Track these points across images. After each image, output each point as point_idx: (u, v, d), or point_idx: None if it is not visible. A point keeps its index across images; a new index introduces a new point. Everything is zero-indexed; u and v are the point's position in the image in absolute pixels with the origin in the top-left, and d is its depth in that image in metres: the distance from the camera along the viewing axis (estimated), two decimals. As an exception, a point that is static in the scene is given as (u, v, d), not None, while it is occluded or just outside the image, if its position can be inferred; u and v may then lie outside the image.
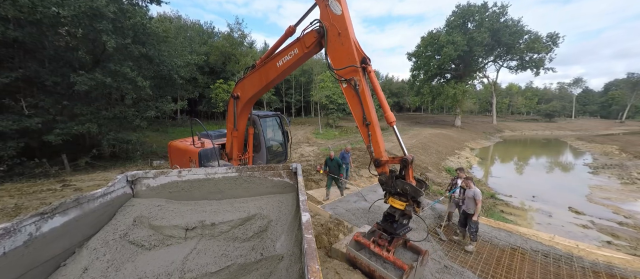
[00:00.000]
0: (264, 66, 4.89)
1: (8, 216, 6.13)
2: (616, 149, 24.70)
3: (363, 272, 3.81)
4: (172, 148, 7.69)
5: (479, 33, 33.44)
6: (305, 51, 4.21)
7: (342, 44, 3.73)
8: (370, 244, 3.81)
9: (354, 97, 3.72)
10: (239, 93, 5.45)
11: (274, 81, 4.95)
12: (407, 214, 3.54)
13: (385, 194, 3.75)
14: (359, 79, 3.63)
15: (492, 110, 49.79)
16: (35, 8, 9.95)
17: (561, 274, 4.90)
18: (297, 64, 4.55)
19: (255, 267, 2.43)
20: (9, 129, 10.18)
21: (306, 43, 4.13)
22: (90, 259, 2.36)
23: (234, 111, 5.57)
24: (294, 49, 4.34)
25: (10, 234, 1.93)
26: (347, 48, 3.70)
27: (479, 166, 19.96)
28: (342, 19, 3.69)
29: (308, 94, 45.98)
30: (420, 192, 3.34)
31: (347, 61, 3.70)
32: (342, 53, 3.74)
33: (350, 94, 3.77)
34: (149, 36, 14.28)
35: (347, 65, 3.69)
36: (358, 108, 3.72)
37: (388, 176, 3.60)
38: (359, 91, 3.65)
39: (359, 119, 3.74)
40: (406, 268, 3.38)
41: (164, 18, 29.35)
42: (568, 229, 8.97)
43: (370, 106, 3.68)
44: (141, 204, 3.16)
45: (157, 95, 16.57)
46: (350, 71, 3.68)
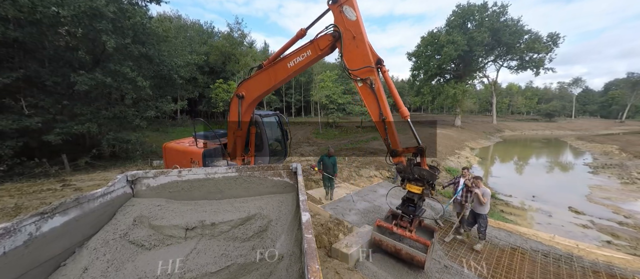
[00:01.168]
0: (273, 67, 5.02)
1: (8, 216, 6.13)
2: (616, 149, 24.70)
3: (388, 252, 4.25)
4: (169, 150, 7.22)
5: (479, 33, 33.40)
6: (319, 53, 4.47)
7: (357, 46, 4.03)
8: (392, 227, 4.22)
9: (370, 95, 4.02)
10: (244, 93, 5.50)
11: (282, 82, 5.12)
12: (425, 196, 3.93)
13: (402, 180, 4.07)
14: (375, 79, 3.95)
15: (492, 110, 49.76)
16: (35, 8, 9.94)
17: (561, 274, 4.89)
18: (308, 65, 4.77)
19: (255, 267, 2.43)
20: (8, 129, 10.18)
21: (320, 46, 4.39)
22: (90, 259, 2.36)
23: (238, 110, 5.61)
24: (307, 51, 4.57)
25: (10, 234, 1.93)
26: (361, 50, 4.01)
27: (479, 166, 19.97)
28: (356, 24, 3.99)
29: (308, 94, 45.96)
30: (435, 176, 3.74)
31: (363, 62, 4.00)
32: (357, 55, 4.04)
33: (366, 92, 4.07)
34: (149, 36, 14.27)
35: (363, 66, 3.99)
36: (374, 105, 4.02)
37: (405, 164, 3.95)
38: (375, 89, 3.96)
39: (376, 115, 4.03)
40: (429, 243, 3.84)
41: (164, 18, 29.30)
42: (568, 229, 8.97)
43: (385, 102, 3.98)
44: (141, 204, 3.16)
45: (157, 95, 16.54)
46: (366, 71, 3.99)
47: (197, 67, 28.09)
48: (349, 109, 33.95)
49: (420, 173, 3.78)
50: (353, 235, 5.05)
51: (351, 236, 5.02)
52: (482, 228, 5.67)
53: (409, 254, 3.97)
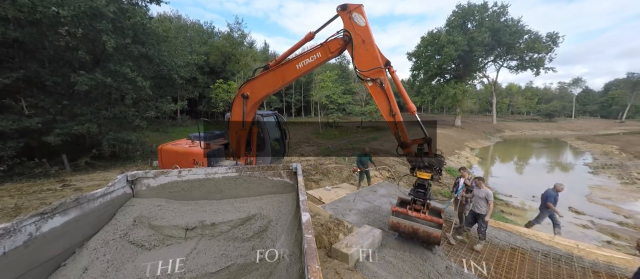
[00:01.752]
0: (280, 68, 5.19)
1: (8, 216, 6.12)
2: (616, 149, 24.69)
3: (406, 234, 4.68)
4: (166, 152, 6.87)
5: (479, 33, 33.40)
6: (329, 55, 4.76)
7: (367, 50, 4.41)
8: (407, 211, 4.62)
9: (380, 94, 4.40)
10: (249, 93, 5.58)
11: (289, 82, 5.36)
12: (435, 181, 4.36)
13: (412, 169, 4.49)
14: (384, 79, 4.34)
15: (492, 110, 49.75)
16: (35, 8, 9.94)
17: (561, 274, 4.89)
18: (317, 66, 5.08)
19: (255, 267, 2.43)
20: (9, 129, 10.17)
21: (331, 48, 4.70)
22: (90, 259, 2.36)
23: (243, 110, 5.66)
24: (317, 53, 4.85)
25: (10, 234, 1.93)
26: (371, 53, 4.40)
27: (479, 166, 19.96)
28: (366, 29, 4.37)
29: (308, 94, 45.93)
30: (442, 162, 4.17)
31: (372, 64, 4.40)
32: (367, 57, 4.43)
33: (376, 91, 4.46)
34: (148, 36, 14.27)
35: (373, 67, 4.39)
36: (385, 103, 4.41)
37: (414, 154, 4.37)
38: (384, 88, 4.35)
39: (386, 112, 4.42)
40: (441, 221, 4.29)
41: (164, 18, 29.31)
42: (568, 229, 8.96)
43: (394, 100, 4.34)
44: (141, 204, 3.16)
45: (157, 95, 16.54)
46: (376, 72, 4.38)
47: (197, 67, 28.08)
48: (349, 109, 33.96)
49: (429, 161, 4.20)
50: (353, 235, 5.05)
51: (351, 236, 5.01)
52: (483, 228, 5.66)
53: (426, 232, 4.41)
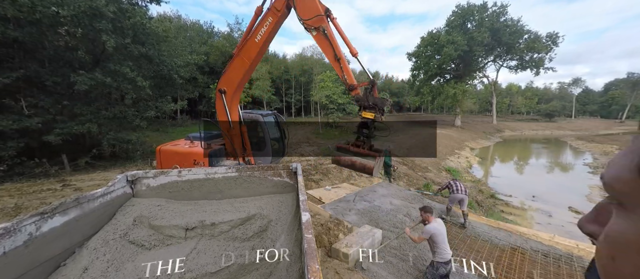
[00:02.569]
0: (243, 48, 5.33)
1: (8, 216, 6.12)
2: (616, 149, 24.70)
3: (345, 165, 4.83)
4: (165, 153, 6.61)
5: (479, 33, 33.43)
6: (278, 15, 4.84)
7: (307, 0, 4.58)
8: (349, 146, 4.83)
9: (324, 41, 4.55)
10: (225, 87, 5.65)
11: (255, 60, 5.45)
12: (377, 120, 4.52)
13: (358, 109, 4.65)
14: (327, 26, 4.50)
15: (492, 110, 49.78)
16: (35, 8, 9.93)
17: (561, 274, 4.90)
18: (273, 32, 5.17)
19: (255, 267, 2.43)
20: (9, 129, 10.17)
21: (277, 7, 4.81)
22: (90, 259, 2.36)
23: (224, 106, 5.68)
24: (268, 18, 4.96)
25: (10, 234, 1.93)
26: (311, 2, 4.55)
27: (479, 166, 19.97)
28: None
29: (308, 94, 45.92)
30: (386, 101, 4.40)
31: (314, 12, 4.53)
32: (308, 7, 4.58)
33: (320, 39, 4.61)
34: (148, 36, 14.26)
35: (315, 15, 4.52)
36: (329, 49, 4.57)
37: (361, 95, 4.50)
38: (327, 35, 4.51)
39: (331, 57, 4.58)
40: (376, 155, 4.56)
41: (164, 18, 29.32)
42: (568, 229, 8.97)
43: (338, 46, 4.54)
44: (141, 204, 3.16)
45: (157, 95, 16.52)
46: (318, 20, 4.52)
47: (197, 67, 28.05)
48: (349, 109, 33.94)
49: (374, 101, 4.37)
50: (353, 235, 5.06)
51: (351, 236, 5.02)
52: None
53: (361, 164, 4.65)
